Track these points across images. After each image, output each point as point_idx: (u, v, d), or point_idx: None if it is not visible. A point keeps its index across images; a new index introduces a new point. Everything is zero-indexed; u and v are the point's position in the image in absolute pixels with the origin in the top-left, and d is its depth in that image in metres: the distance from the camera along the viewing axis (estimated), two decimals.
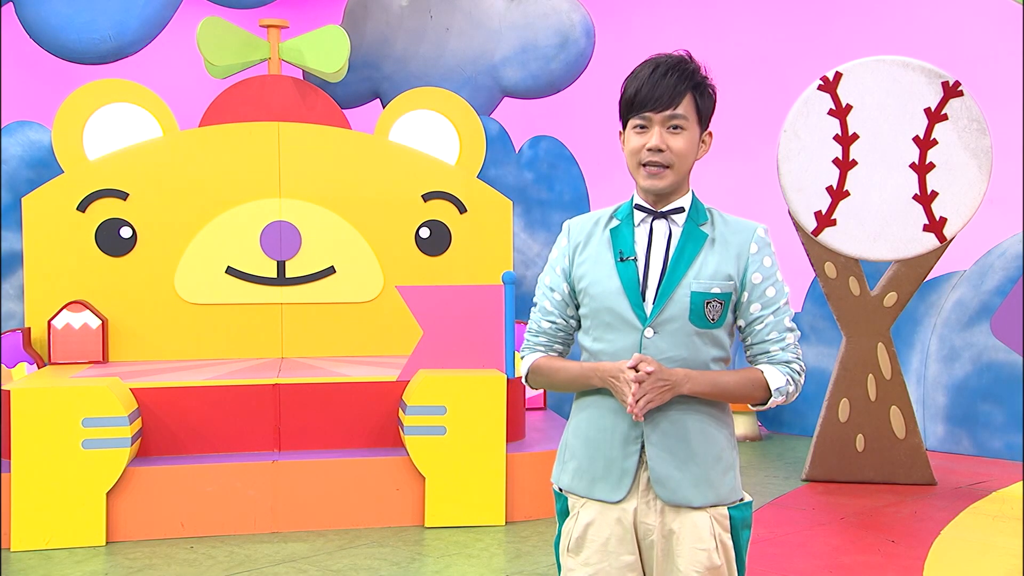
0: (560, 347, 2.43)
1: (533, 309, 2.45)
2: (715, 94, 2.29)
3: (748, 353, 2.36)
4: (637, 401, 2.17)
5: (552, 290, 2.39)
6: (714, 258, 2.26)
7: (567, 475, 2.37)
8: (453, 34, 7.81)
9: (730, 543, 2.30)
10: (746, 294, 2.29)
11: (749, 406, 2.34)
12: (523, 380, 2.47)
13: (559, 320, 2.39)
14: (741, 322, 2.33)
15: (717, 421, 2.31)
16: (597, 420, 2.31)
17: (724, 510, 2.30)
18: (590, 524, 2.30)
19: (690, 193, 2.31)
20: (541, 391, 5.27)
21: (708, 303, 2.24)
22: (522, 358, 2.45)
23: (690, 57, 2.27)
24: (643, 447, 2.27)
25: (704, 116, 2.28)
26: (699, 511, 2.27)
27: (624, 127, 2.29)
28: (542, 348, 2.42)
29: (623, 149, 2.32)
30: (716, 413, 2.31)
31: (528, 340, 2.44)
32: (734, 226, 2.31)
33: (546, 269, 2.43)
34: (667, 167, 2.24)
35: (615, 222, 2.32)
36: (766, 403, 2.31)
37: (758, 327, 2.30)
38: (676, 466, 2.26)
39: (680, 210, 2.29)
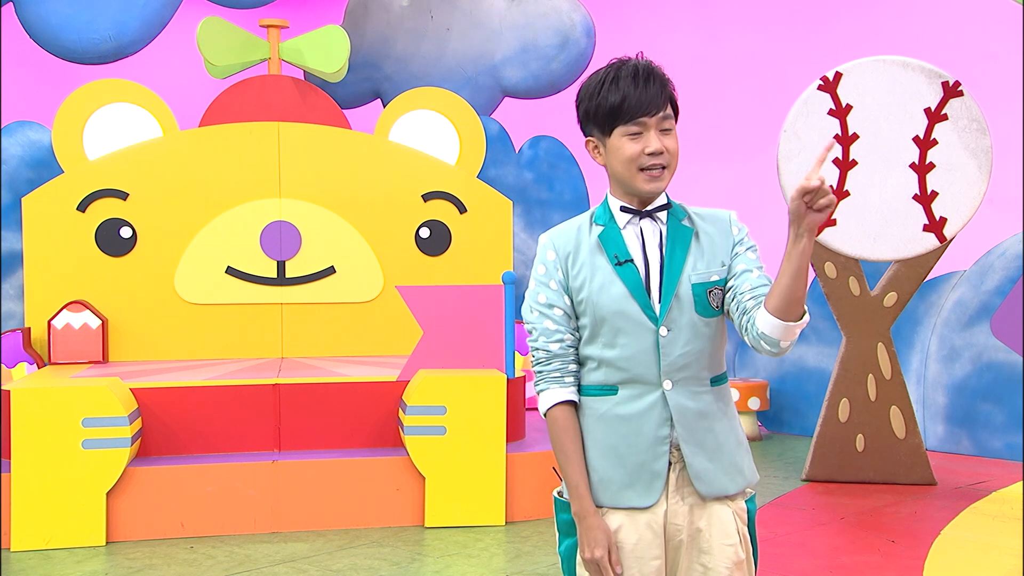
0: (574, 366, 2.33)
1: (530, 338, 2.35)
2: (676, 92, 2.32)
3: (747, 297, 2.24)
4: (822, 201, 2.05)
5: (552, 307, 2.31)
6: (704, 248, 2.28)
7: None
8: (453, 34, 7.81)
9: (748, 536, 2.33)
10: (731, 260, 2.28)
11: (750, 401, 2.33)
12: (542, 415, 2.38)
13: (567, 336, 2.31)
14: (731, 281, 2.28)
15: (729, 406, 2.35)
16: (617, 428, 2.27)
17: (742, 503, 2.32)
18: (618, 530, 2.27)
19: (664, 192, 2.32)
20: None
21: (710, 291, 2.25)
22: (538, 392, 2.35)
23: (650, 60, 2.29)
24: (670, 447, 2.26)
25: (676, 115, 2.31)
26: (724, 507, 2.28)
27: (607, 134, 2.25)
28: (557, 375, 2.31)
29: (597, 158, 2.30)
30: (727, 399, 2.34)
31: (540, 372, 2.33)
32: (709, 216, 2.33)
33: (535, 288, 2.33)
34: (665, 168, 2.25)
35: (598, 227, 2.30)
36: (803, 316, 2.18)
37: (750, 276, 2.26)
38: (708, 458, 2.26)
39: (663, 207, 2.29)
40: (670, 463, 2.27)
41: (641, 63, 2.26)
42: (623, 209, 2.29)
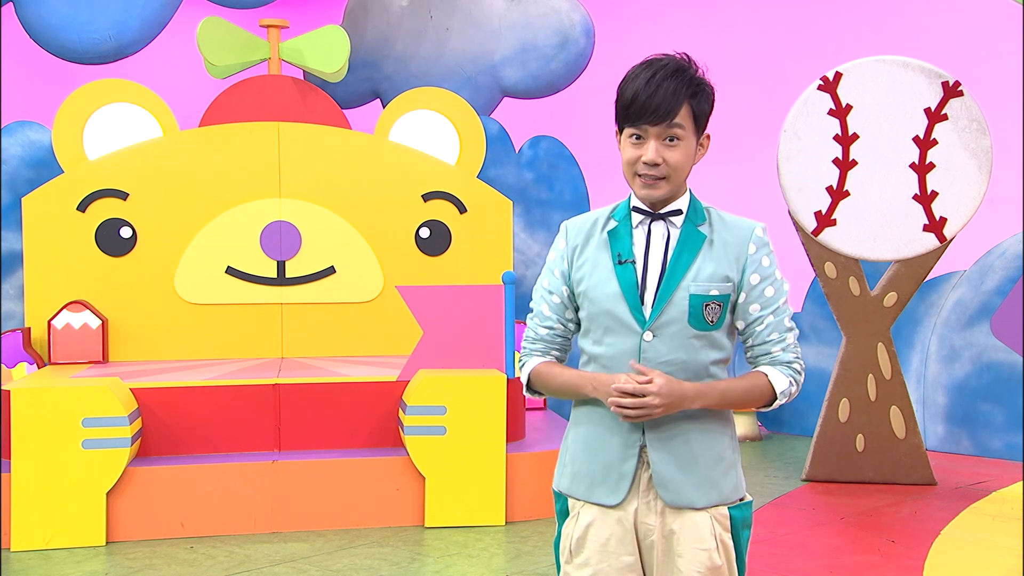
0: (557, 353, 2.40)
1: (529, 315, 2.42)
2: (713, 95, 2.25)
3: (749, 354, 2.35)
4: (629, 408, 2.16)
5: (551, 293, 2.36)
6: (712, 259, 2.25)
7: (566, 479, 2.36)
8: (453, 34, 7.81)
9: (730, 543, 2.30)
10: (744, 295, 2.27)
11: (752, 409, 2.34)
12: (524, 389, 2.44)
13: (556, 325, 2.37)
14: (740, 323, 2.30)
15: (719, 421, 2.30)
16: (597, 424, 2.30)
17: (724, 510, 2.29)
18: (590, 525, 2.30)
19: (688, 194, 2.29)
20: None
21: (707, 305, 2.22)
22: (521, 366, 2.43)
23: (689, 60, 2.22)
24: (641, 449, 2.26)
25: (701, 121, 2.24)
26: (700, 511, 2.26)
27: (620, 131, 2.26)
28: (539, 354, 2.40)
29: (620, 151, 2.31)
30: (716, 413, 2.30)
31: (525, 347, 2.42)
32: (732, 226, 2.29)
33: (544, 272, 2.39)
34: (662, 178, 2.22)
35: (612, 223, 2.30)
36: (771, 405, 2.31)
37: (758, 328, 2.29)
38: (678, 468, 2.25)
39: (678, 212, 2.27)
40: (643, 464, 2.27)
41: (668, 64, 2.20)
42: (635, 209, 2.29)
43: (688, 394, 2.19)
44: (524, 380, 2.42)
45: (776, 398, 2.28)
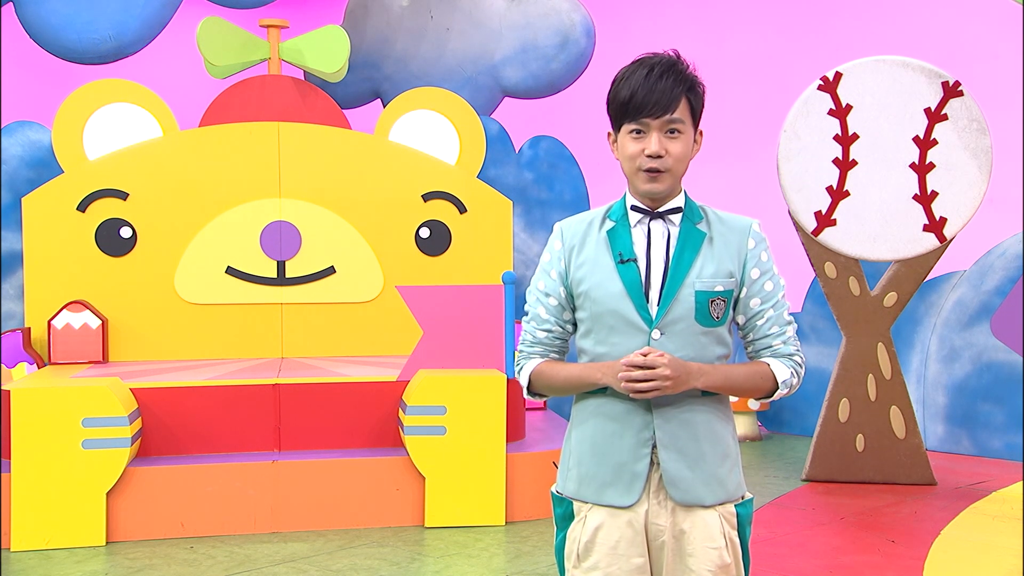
0: (555, 355, 2.40)
1: (525, 319, 2.42)
2: (704, 92, 2.29)
3: (750, 349, 2.36)
4: (640, 382, 2.16)
5: (547, 295, 2.36)
6: (714, 256, 2.26)
7: (572, 482, 2.34)
8: (453, 34, 7.81)
9: (737, 540, 2.32)
10: (745, 290, 2.30)
11: (750, 401, 2.36)
12: (525, 392, 2.43)
13: (555, 327, 2.37)
14: (741, 318, 2.33)
15: (722, 418, 2.32)
16: (604, 426, 2.29)
17: (732, 508, 2.31)
18: (600, 527, 2.29)
19: (683, 192, 2.31)
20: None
21: (712, 301, 2.24)
22: (519, 370, 2.42)
23: (680, 57, 2.26)
24: (653, 449, 2.26)
25: (696, 116, 2.28)
26: (709, 510, 2.27)
27: (616, 130, 2.28)
28: (537, 357, 2.40)
29: (614, 152, 2.31)
30: (721, 409, 2.31)
31: (522, 350, 2.41)
32: (729, 223, 2.31)
33: (538, 274, 2.39)
34: (665, 171, 2.23)
35: (610, 223, 2.30)
36: (772, 395, 2.32)
37: (759, 322, 2.31)
38: (688, 466, 2.26)
39: (676, 210, 2.28)
40: (654, 464, 2.27)
41: (662, 60, 2.23)
42: (634, 208, 2.30)
43: (693, 371, 2.21)
44: (524, 383, 2.41)
45: (778, 387, 2.29)
